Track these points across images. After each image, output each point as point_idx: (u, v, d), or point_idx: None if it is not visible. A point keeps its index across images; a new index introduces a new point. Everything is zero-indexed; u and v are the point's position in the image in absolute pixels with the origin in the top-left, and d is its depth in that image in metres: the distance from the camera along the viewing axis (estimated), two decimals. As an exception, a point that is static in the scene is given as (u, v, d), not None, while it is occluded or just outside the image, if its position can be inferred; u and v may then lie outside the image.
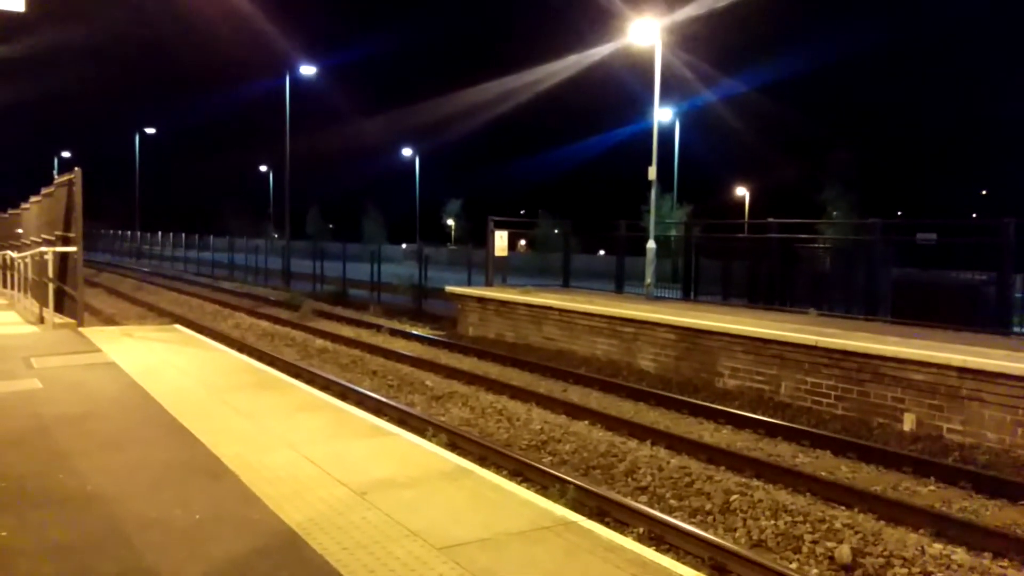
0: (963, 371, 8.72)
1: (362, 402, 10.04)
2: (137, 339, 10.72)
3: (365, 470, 5.03)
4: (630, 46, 18.22)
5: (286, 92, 34.87)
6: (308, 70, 35.39)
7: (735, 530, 6.37)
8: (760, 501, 6.81)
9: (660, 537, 6.12)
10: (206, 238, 45.14)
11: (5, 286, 17.75)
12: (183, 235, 49.55)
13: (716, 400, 10.73)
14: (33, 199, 16.72)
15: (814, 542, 6.04)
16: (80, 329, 11.49)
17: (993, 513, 6.90)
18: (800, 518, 6.45)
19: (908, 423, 9.20)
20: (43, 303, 12.35)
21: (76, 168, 11.80)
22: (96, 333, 11.33)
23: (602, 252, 33.02)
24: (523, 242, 35.29)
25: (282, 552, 3.78)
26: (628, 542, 4.14)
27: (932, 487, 7.52)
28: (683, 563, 5.18)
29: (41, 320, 12.17)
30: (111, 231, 64.63)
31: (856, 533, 6.16)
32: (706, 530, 6.23)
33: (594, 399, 11.02)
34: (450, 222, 78.51)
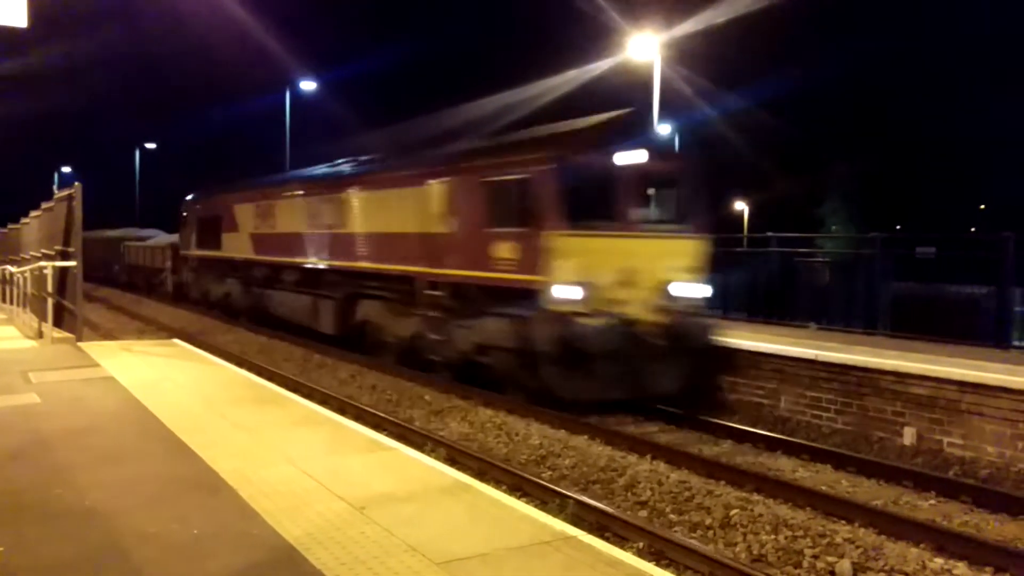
0: (963, 385, 8.72)
1: (361, 416, 10.01)
2: (136, 353, 10.71)
3: (364, 485, 5.02)
4: (629, 61, 18.30)
5: (286, 107, 35.06)
6: (308, 85, 35.58)
7: (735, 545, 6.35)
8: (760, 515, 6.79)
9: (660, 552, 6.09)
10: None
11: (4, 301, 17.75)
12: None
13: (715, 414, 10.70)
14: (33, 214, 16.78)
15: (815, 557, 6.02)
16: (79, 344, 11.48)
17: (994, 528, 6.88)
18: (801, 532, 6.43)
19: (908, 437, 9.18)
20: (42, 318, 12.35)
21: (76, 183, 11.85)
22: (95, 348, 11.32)
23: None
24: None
25: (280, 567, 3.77)
26: (628, 557, 4.13)
27: (933, 501, 7.51)
28: (683, 578, 5.16)
29: (40, 335, 12.16)
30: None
31: (857, 548, 6.13)
32: (706, 545, 6.21)
33: (593, 414, 10.97)
34: (449, 236, 78.61)
